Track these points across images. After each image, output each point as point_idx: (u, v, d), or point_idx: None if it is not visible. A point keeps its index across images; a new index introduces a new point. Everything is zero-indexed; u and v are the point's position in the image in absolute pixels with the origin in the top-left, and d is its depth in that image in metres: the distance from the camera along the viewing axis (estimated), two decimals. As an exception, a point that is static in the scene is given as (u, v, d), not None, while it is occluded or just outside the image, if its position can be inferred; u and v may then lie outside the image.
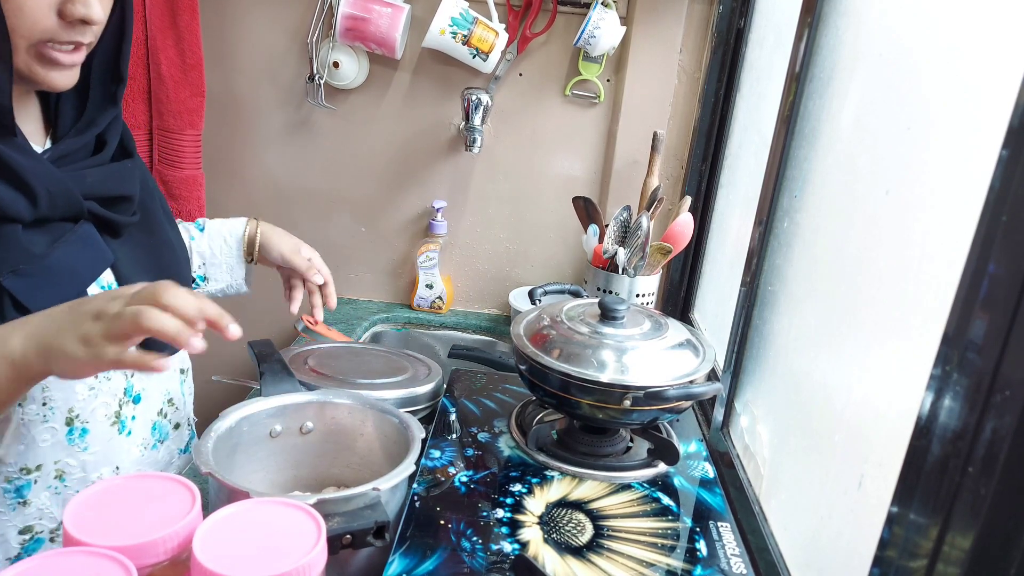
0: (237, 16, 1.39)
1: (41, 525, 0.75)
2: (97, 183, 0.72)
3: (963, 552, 0.42)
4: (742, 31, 1.24)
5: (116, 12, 0.71)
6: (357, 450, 0.81)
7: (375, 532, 0.62)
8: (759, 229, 0.91)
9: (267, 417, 0.78)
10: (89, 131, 0.73)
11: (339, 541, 0.60)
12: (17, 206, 0.64)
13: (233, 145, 1.47)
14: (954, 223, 0.51)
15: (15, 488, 0.72)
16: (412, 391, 0.93)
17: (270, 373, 0.83)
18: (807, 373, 0.76)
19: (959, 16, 0.56)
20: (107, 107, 0.75)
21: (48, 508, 0.75)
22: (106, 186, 0.73)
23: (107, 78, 0.74)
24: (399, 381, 0.96)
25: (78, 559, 0.48)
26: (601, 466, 0.84)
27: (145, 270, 0.78)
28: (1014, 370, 0.39)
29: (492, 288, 1.56)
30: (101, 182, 0.73)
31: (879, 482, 0.57)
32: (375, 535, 0.62)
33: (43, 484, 0.74)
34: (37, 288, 0.65)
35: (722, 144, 1.31)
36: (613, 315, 0.86)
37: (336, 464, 0.82)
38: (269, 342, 0.90)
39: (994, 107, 0.47)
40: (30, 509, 0.74)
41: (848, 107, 0.74)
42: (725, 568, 0.69)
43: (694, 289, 1.40)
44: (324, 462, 0.82)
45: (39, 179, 0.66)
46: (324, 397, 0.81)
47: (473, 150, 1.37)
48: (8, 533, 0.73)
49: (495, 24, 1.31)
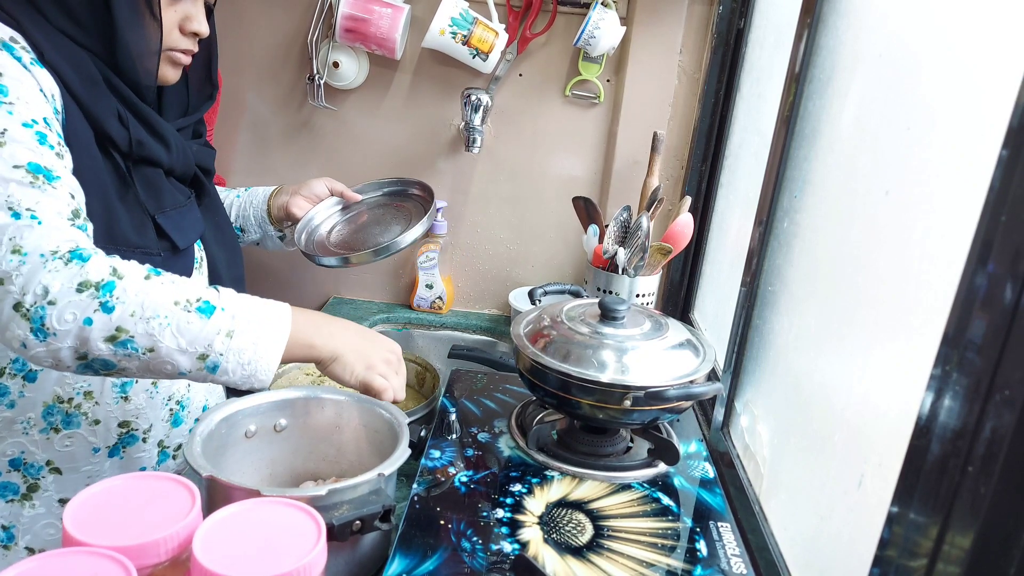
0: (237, 16, 1.39)
1: (136, 423, 0.86)
2: (198, 154, 0.94)
3: (963, 551, 0.42)
4: (742, 31, 1.24)
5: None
6: (333, 442, 0.82)
7: (382, 516, 0.65)
8: (759, 229, 0.91)
9: (244, 417, 0.78)
10: (193, 116, 0.93)
11: (349, 528, 0.62)
12: (159, 152, 0.84)
13: (233, 145, 1.47)
14: (954, 223, 0.51)
15: (120, 383, 0.84)
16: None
17: None
18: (807, 373, 0.76)
19: (959, 16, 0.56)
20: (205, 101, 0.96)
21: (144, 409, 0.86)
22: (202, 158, 0.95)
23: (204, 81, 0.95)
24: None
25: (78, 559, 0.48)
26: (601, 466, 0.84)
27: (217, 240, 0.98)
28: (1013, 370, 0.39)
29: (492, 288, 1.56)
30: (199, 154, 0.95)
31: (879, 482, 0.57)
32: (382, 519, 0.65)
33: (142, 386, 0.86)
34: (178, 228, 0.85)
35: (722, 144, 1.31)
36: (613, 315, 0.86)
37: (311, 459, 0.83)
38: None
39: (994, 107, 0.47)
40: (130, 406, 0.85)
41: (848, 107, 0.75)
42: (725, 568, 0.69)
43: (694, 289, 1.40)
44: (299, 458, 0.82)
45: (171, 136, 0.86)
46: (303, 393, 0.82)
47: (473, 150, 1.37)
48: (111, 424, 0.84)
49: (495, 24, 1.31)
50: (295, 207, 1.14)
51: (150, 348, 0.66)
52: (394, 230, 1.15)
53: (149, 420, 0.87)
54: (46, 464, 0.82)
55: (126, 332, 0.65)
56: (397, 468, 0.70)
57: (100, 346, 0.65)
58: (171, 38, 0.82)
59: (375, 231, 1.17)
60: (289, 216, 1.15)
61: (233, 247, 1.02)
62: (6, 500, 0.81)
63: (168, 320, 0.67)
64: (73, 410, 0.81)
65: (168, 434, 0.90)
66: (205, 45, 0.90)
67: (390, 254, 1.11)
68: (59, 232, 0.67)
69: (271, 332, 0.71)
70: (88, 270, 0.65)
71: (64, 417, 0.81)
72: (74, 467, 0.83)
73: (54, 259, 0.65)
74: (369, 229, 1.18)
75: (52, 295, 0.64)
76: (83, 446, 0.83)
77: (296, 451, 0.82)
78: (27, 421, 0.79)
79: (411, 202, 1.24)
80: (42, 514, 0.83)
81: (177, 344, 0.67)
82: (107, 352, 0.66)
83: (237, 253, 1.03)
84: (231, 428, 0.77)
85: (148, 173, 0.84)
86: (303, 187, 1.17)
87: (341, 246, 1.15)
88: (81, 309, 0.64)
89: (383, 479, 0.67)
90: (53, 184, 0.68)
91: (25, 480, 0.81)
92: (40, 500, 0.82)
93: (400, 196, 1.27)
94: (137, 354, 0.66)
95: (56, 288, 0.64)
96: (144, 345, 0.66)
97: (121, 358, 0.66)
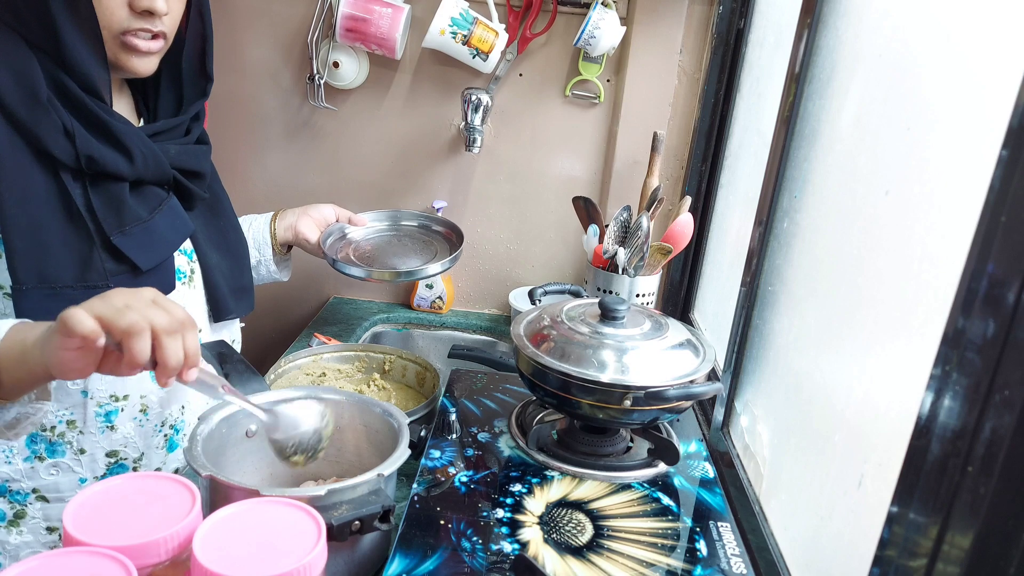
0: (237, 16, 1.39)
1: (125, 452, 0.84)
2: (178, 156, 0.84)
3: (963, 551, 0.42)
4: (742, 32, 1.24)
5: (196, 18, 0.84)
6: (333, 443, 0.81)
7: (382, 517, 0.65)
8: (759, 229, 0.91)
9: (244, 417, 0.77)
10: (181, 116, 0.86)
11: (348, 528, 0.62)
12: (118, 164, 0.76)
13: (233, 145, 1.47)
14: (954, 223, 0.51)
15: (105, 413, 0.81)
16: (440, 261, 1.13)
17: (235, 374, 0.81)
18: (807, 373, 0.76)
19: (959, 16, 0.56)
20: (198, 98, 0.88)
21: (132, 438, 0.84)
22: (183, 159, 0.85)
23: (196, 75, 0.87)
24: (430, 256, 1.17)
25: (78, 559, 0.48)
26: (601, 466, 0.84)
27: (215, 246, 0.92)
28: (1013, 370, 0.39)
29: (492, 288, 1.56)
30: (180, 155, 0.85)
31: (879, 482, 0.57)
32: (381, 519, 0.65)
33: (129, 414, 0.82)
34: (140, 247, 0.77)
35: (722, 144, 1.31)
36: (613, 315, 0.86)
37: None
38: (223, 342, 0.86)
39: (994, 107, 0.47)
40: (116, 435, 0.82)
41: (848, 107, 0.74)
42: (725, 568, 0.69)
43: (694, 289, 1.40)
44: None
45: (134, 142, 0.77)
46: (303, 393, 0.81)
47: (473, 150, 1.37)
48: (97, 454, 0.82)
49: (495, 24, 1.31)
50: (304, 228, 1.11)
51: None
52: (415, 259, 1.18)
53: (139, 449, 0.85)
54: (32, 492, 0.80)
55: None
56: (396, 468, 0.70)
57: None
58: (118, 19, 0.73)
59: (395, 254, 1.20)
60: (297, 237, 1.11)
61: (237, 254, 0.97)
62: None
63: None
64: (56, 439, 0.79)
65: (165, 461, 0.88)
66: (199, 35, 0.85)
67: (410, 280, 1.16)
68: None
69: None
70: None
71: (48, 446, 0.79)
72: (60, 496, 0.81)
73: None
74: (390, 251, 1.21)
75: None
76: (69, 475, 0.81)
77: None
78: (10, 450, 0.78)
79: (438, 239, 1.27)
80: (29, 541, 0.82)
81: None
82: None
83: (242, 260, 0.98)
84: (231, 428, 0.76)
85: (109, 188, 0.76)
86: (311, 209, 1.14)
87: (361, 259, 1.17)
88: None
89: (383, 479, 0.67)
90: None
91: (12, 507, 0.80)
92: (27, 527, 0.81)
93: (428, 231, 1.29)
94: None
95: None
96: None
97: None
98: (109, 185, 0.76)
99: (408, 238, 1.26)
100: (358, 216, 1.20)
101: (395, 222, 1.29)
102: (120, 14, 0.73)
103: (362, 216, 1.21)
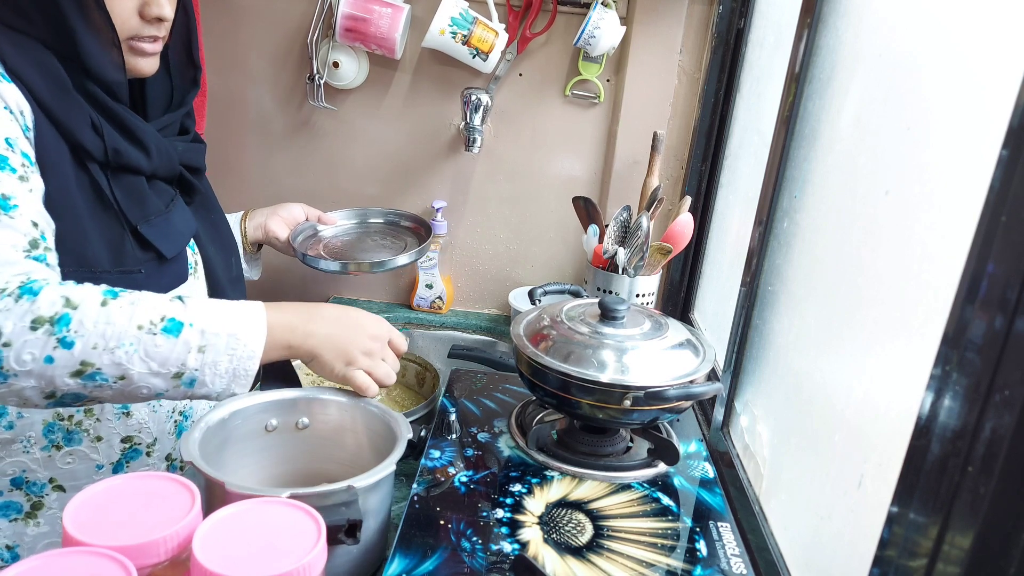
0: (237, 16, 1.39)
1: (139, 437, 0.85)
2: (184, 152, 0.89)
3: (963, 551, 0.42)
4: (742, 31, 1.24)
5: (180, 11, 0.85)
6: (347, 447, 0.81)
7: (347, 530, 0.61)
8: (759, 229, 0.91)
9: (260, 412, 0.77)
10: (180, 109, 0.89)
11: None
12: (139, 159, 0.80)
13: (233, 145, 1.47)
14: (954, 223, 0.51)
15: None
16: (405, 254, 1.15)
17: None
18: (807, 373, 0.76)
19: (959, 16, 0.56)
20: (191, 89, 0.90)
21: (147, 423, 0.85)
22: (188, 156, 0.90)
23: (185, 66, 0.89)
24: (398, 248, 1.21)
25: (78, 559, 0.48)
26: (601, 466, 0.84)
27: (211, 239, 0.95)
28: (1013, 370, 0.39)
29: (492, 288, 1.56)
30: (186, 152, 0.90)
31: (879, 482, 0.57)
32: (347, 533, 0.61)
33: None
34: (164, 237, 0.82)
35: (722, 144, 1.31)
36: (613, 315, 0.86)
37: (329, 461, 0.82)
38: None
39: (994, 107, 0.47)
40: (132, 420, 0.84)
41: (848, 107, 0.75)
42: (725, 568, 0.69)
43: (694, 289, 1.40)
44: (317, 459, 0.82)
45: (149, 138, 0.81)
46: (315, 394, 0.81)
47: (473, 150, 1.37)
48: (113, 440, 0.83)
49: (495, 24, 1.31)
50: (274, 226, 1.13)
51: (120, 376, 0.65)
52: (385, 253, 1.20)
53: (153, 434, 0.86)
54: (49, 482, 0.81)
55: (92, 365, 0.63)
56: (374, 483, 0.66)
57: (67, 381, 0.63)
58: (130, 26, 0.77)
59: (365, 249, 1.23)
60: (268, 236, 1.13)
61: (229, 246, 1.00)
62: (9, 519, 0.80)
63: (134, 346, 0.64)
64: (74, 427, 0.80)
65: (175, 447, 0.89)
66: (183, 25, 0.86)
67: (381, 271, 1.17)
68: (10, 267, 0.64)
69: (246, 340, 0.69)
70: (39, 305, 0.62)
71: (65, 434, 0.80)
72: (77, 484, 0.82)
73: (4, 297, 0.62)
74: (360, 246, 1.24)
75: (6, 336, 0.61)
76: (85, 463, 0.82)
77: (315, 452, 0.82)
78: (27, 440, 0.78)
79: (407, 233, 1.30)
80: (46, 532, 0.82)
81: (148, 368, 0.65)
82: (76, 386, 0.64)
83: (233, 252, 1.01)
84: (231, 427, 0.76)
85: (129, 181, 0.80)
86: (281, 208, 1.16)
87: (333, 256, 1.18)
88: (39, 348, 0.61)
89: (354, 492, 0.64)
90: (10, 214, 0.65)
91: (28, 498, 0.80)
92: (44, 518, 0.81)
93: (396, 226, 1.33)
94: (108, 384, 0.65)
95: (9, 329, 0.61)
96: (114, 375, 0.64)
97: (92, 390, 0.65)
98: (130, 178, 0.80)
99: (377, 234, 1.29)
100: (327, 215, 1.23)
101: (363, 219, 1.32)
102: (132, 22, 0.77)
103: (331, 215, 1.25)
